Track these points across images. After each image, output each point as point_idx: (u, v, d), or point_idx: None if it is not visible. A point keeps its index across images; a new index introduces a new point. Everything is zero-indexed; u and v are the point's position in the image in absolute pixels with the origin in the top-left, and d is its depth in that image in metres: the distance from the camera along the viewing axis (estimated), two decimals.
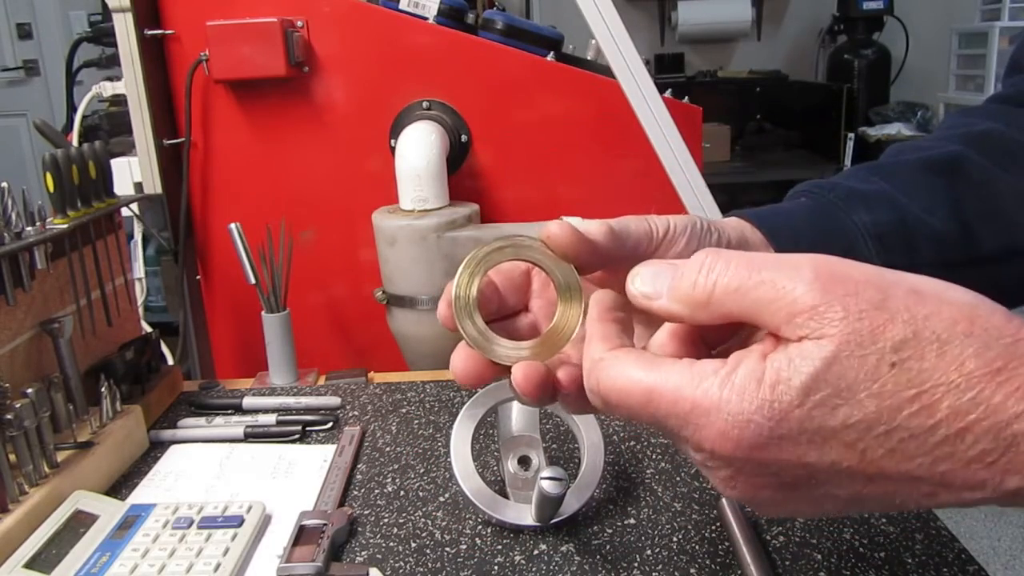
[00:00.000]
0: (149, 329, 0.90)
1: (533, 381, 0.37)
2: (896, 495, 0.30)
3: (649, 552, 0.57)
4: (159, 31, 1.07)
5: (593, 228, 0.39)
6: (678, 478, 0.66)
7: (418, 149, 1.01)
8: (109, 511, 0.61)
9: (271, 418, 0.78)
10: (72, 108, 1.58)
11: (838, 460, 0.29)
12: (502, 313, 0.42)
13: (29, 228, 0.66)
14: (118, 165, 1.07)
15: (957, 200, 0.53)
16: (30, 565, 0.54)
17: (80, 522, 0.59)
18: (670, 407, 0.31)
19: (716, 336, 0.36)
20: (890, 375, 0.28)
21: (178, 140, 1.10)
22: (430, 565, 0.56)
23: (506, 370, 0.38)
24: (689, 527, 0.59)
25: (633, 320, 0.39)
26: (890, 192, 0.53)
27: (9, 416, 0.58)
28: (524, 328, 0.43)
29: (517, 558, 0.57)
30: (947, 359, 0.28)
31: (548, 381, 0.37)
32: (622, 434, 0.74)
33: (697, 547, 0.57)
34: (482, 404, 0.63)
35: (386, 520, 0.62)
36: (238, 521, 0.60)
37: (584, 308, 0.38)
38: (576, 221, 0.39)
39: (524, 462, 0.63)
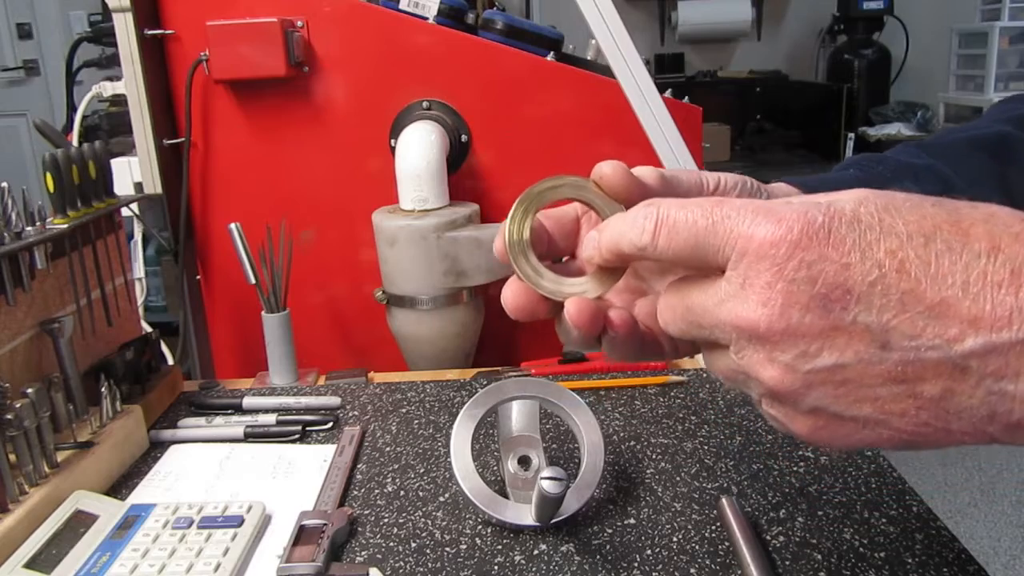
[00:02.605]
0: (149, 329, 0.90)
1: (586, 314, 0.38)
2: (924, 334, 0.30)
3: (649, 552, 0.57)
4: (159, 31, 1.07)
5: (645, 172, 0.40)
6: (678, 478, 0.66)
7: (418, 149, 1.01)
8: (109, 511, 0.61)
9: (271, 418, 0.78)
10: (72, 108, 1.59)
11: (878, 264, 0.30)
12: (551, 256, 0.43)
13: (29, 228, 0.66)
14: (118, 165, 1.07)
15: (1003, 176, 0.54)
16: (30, 565, 0.54)
17: (80, 522, 0.59)
18: (732, 210, 0.33)
19: None
20: (930, 207, 0.31)
21: (178, 140, 1.10)
22: (430, 565, 0.56)
23: (556, 305, 0.40)
24: (689, 527, 0.59)
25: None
26: (938, 167, 0.54)
27: (9, 416, 0.58)
28: (572, 273, 0.43)
29: (517, 558, 0.57)
30: (980, 209, 0.31)
31: (599, 316, 0.38)
32: (622, 434, 0.74)
33: (697, 547, 0.57)
34: (482, 404, 0.63)
35: (386, 520, 0.62)
36: (238, 521, 0.60)
37: None
38: (636, 167, 0.40)
39: (524, 462, 0.63)
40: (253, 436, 0.76)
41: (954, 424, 0.31)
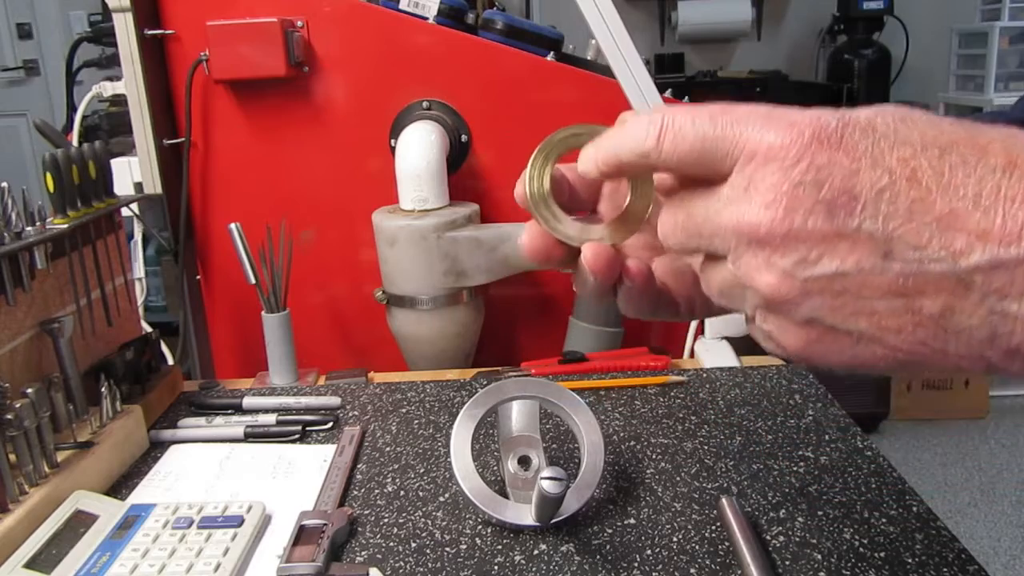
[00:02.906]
0: (149, 329, 0.90)
1: (602, 259, 0.38)
2: (929, 245, 0.28)
3: (649, 552, 0.57)
4: (159, 31, 1.07)
5: None
6: (678, 478, 0.66)
7: (418, 149, 1.01)
8: (109, 511, 0.61)
9: (271, 418, 0.78)
10: (72, 108, 1.59)
11: (889, 171, 0.29)
12: (572, 208, 0.42)
13: (29, 228, 0.66)
14: (118, 165, 1.07)
15: None
16: (30, 565, 0.54)
17: (80, 522, 0.59)
18: (742, 115, 0.32)
19: None
20: (948, 124, 0.30)
21: (178, 140, 1.10)
22: (430, 565, 0.56)
23: (572, 252, 0.40)
24: (689, 527, 0.59)
25: None
26: None
27: (9, 416, 0.58)
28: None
29: (517, 558, 0.57)
30: (999, 128, 0.30)
31: (616, 264, 0.38)
32: (622, 434, 0.74)
33: (697, 547, 0.57)
34: (482, 404, 0.63)
35: (386, 520, 0.62)
36: (238, 521, 0.60)
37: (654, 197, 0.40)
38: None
39: (524, 462, 0.63)
40: (253, 436, 0.76)
41: (951, 345, 0.29)
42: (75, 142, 1.17)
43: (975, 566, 0.54)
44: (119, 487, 0.69)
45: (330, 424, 0.78)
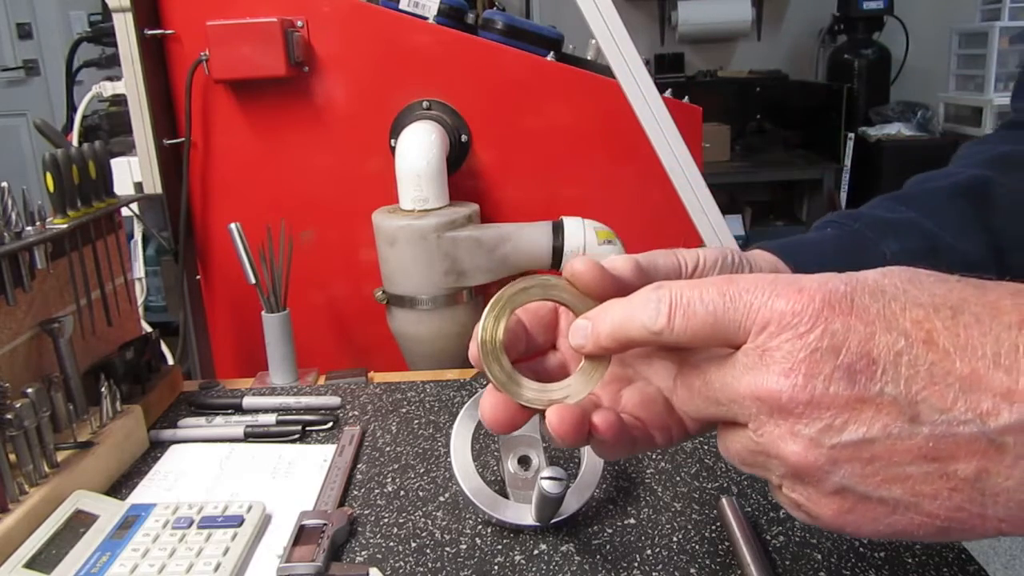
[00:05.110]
0: (149, 329, 0.90)
1: (568, 423, 0.36)
2: (955, 407, 0.28)
3: (649, 552, 0.57)
4: (159, 31, 1.07)
5: (619, 264, 0.38)
6: (678, 478, 0.66)
7: (418, 149, 1.01)
8: (109, 511, 0.61)
9: (271, 418, 0.78)
10: (72, 108, 1.58)
11: (904, 333, 0.29)
12: (531, 352, 0.41)
13: (29, 228, 0.66)
14: (118, 165, 1.07)
15: (986, 224, 0.53)
16: (30, 565, 0.54)
17: (80, 522, 0.59)
18: (749, 284, 0.32)
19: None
20: (955, 282, 0.31)
21: (178, 140, 1.10)
22: (430, 565, 0.56)
23: (539, 413, 0.38)
24: (689, 527, 0.59)
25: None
26: (918, 219, 0.52)
27: (9, 416, 0.58)
28: (553, 367, 0.42)
29: (517, 558, 0.57)
30: (1006, 285, 0.31)
31: (583, 423, 0.36)
32: None
33: (697, 547, 0.57)
34: None
35: (386, 520, 0.62)
36: (238, 521, 0.60)
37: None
38: (607, 258, 0.39)
39: (524, 462, 0.63)
40: (253, 436, 0.76)
41: (990, 509, 0.29)
42: (75, 142, 1.17)
43: (975, 566, 0.54)
44: (119, 487, 0.69)
45: (330, 424, 0.78)
